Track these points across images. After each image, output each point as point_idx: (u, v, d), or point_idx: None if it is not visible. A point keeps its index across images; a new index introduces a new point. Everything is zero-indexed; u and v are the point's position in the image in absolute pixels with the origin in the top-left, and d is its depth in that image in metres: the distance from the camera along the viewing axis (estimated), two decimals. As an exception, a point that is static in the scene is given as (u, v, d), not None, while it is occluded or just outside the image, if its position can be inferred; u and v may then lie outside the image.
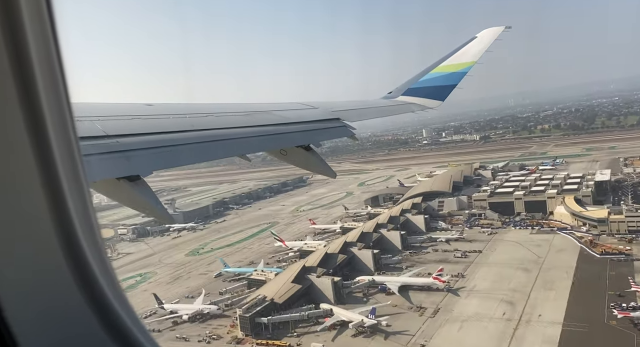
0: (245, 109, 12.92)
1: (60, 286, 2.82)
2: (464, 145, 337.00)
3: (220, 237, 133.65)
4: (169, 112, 11.03)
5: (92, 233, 2.94)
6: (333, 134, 13.96)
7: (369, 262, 78.11)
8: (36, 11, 2.48)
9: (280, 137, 11.87)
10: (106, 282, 3.00)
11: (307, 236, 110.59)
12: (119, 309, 3.07)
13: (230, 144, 10.41)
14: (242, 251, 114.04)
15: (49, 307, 2.81)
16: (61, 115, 2.68)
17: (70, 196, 2.72)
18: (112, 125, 8.36)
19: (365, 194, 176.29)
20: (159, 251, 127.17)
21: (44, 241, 2.70)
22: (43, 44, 2.52)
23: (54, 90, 2.61)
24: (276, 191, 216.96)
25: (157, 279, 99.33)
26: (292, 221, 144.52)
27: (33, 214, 2.63)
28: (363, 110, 17.74)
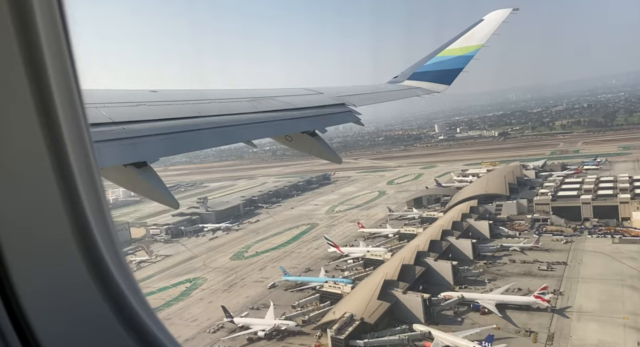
0: (251, 95, 12.72)
1: (76, 278, 2.84)
2: (483, 142, 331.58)
3: (260, 239, 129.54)
4: (174, 98, 10.89)
5: (104, 220, 2.96)
6: (338, 120, 13.86)
7: (447, 274, 73.37)
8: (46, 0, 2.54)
9: (286, 123, 11.86)
10: (119, 273, 3.00)
11: (360, 242, 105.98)
12: (133, 303, 3.06)
13: (235, 130, 10.33)
14: (290, 255, 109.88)
15: (66, 301, 2.82)
16: (72, 102, 2.73)
17: (82, 185, 2.76)
18: (117, 112, 8.32)
19: (401, 194, 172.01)
20: (199, 254, 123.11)
21: (58, 230, 2.73)
22: (53, 33, 2.57)
23: (64, 77, 2.67)
24: (302, 188, 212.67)
25: (209, 286, 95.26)
26: (331, 222, 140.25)
27: (47, 203, 2.67)
28: (368, 95, 17.44)
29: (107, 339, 3.02)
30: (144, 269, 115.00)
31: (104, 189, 3.03)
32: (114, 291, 2.99)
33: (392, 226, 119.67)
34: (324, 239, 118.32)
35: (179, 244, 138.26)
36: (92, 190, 2.87)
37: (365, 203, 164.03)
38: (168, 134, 8.66)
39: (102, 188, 3.01)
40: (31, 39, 2.43)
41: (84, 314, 2.91)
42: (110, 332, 3.00)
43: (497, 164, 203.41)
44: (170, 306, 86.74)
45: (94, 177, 2.90)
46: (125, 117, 8.20)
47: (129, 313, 3.05)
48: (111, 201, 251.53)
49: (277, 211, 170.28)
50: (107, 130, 7.51)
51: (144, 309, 3.16)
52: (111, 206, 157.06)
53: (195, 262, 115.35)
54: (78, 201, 2.74)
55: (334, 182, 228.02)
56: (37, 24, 2.43)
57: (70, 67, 2.69)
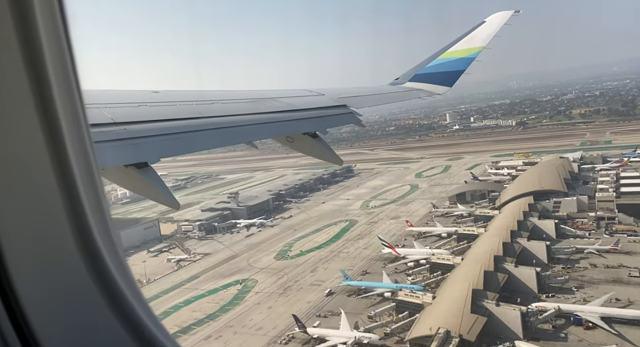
0: (252, 96, 12.80)
1: (75, 278, 2.88)
2: (502, 132, 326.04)
3: (300, 237, 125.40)
4: (176, 99, 10.87)
5: (104, 221, 3.00)
6: (340, 121, 14.02)
7: (530, 282, 68.74)
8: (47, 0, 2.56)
9: (287, 124, 11.97)
10: (118, 274, 3.06)
11: (414, 242, 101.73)
12: (133, 302, 3.12)
13: (237, 131, 10.39)
14: (339, 256, 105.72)
15: (65, 301, 2.87)
16: (72, 102, 2.76)
17: (83, 185, 2.80)
18: (119, 113, 8.35)
19: (435, 188, 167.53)
20: (240, 252, 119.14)
21: (57, 230, 2.78)
22: (53, 32, 2.59)
23: (64, 76, 2.70)
24: (327, 182, 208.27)
25: (262, 289, 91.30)
26: (370, 219, 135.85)
27: (47, 203, 2.72)
28: (370, 96, 17.46)
29: (107, 339, 3.02)
30: (185, 269, 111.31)
31: (103, 189, 3.04)
32: (114, 290, 3.00)
33: (440, 223, 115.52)
34: (371, 238, 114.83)
35: (215, 241, 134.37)
36: (92, 190, 2.88)
37: (399, 198, 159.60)
38: (169, 135, 8.66)
39: (102, 188, 3.02)
40: (31, 38, 2.44)
41: (83, 314, 2.93)
42: (109, 332, 3.00)
43: (530, 155, 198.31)
44: (227, 312, 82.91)
45: (94, 178, 2.91)
46: (126, 118, 8.19)
47: (128, 313, 3.07)
48: (128, 194, 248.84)
49: (307, 206, 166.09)
50: (109, 130, 7.56)
51: (143, 309, 3.16)
52: (128, 200, 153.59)
53: (239, 262, 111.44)
54: (78, 200, 2.75)
55: (358, 174, 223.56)
56: (38, 23, 2.44)
57: (71, 67, 2.70)
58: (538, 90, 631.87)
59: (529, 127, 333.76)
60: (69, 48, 2.68)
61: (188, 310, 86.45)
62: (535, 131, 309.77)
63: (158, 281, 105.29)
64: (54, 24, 2.57)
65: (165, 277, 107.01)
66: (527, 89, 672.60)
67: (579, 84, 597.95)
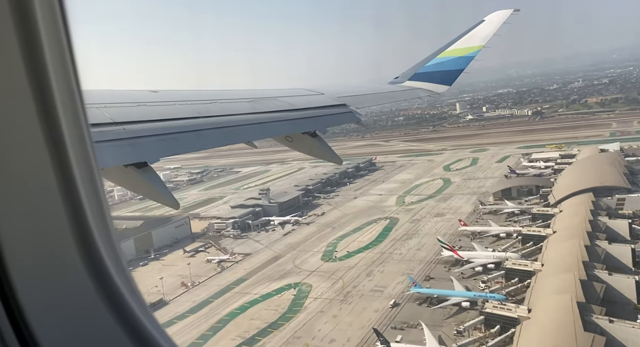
0: (251, 95, 12.84)
1: (75, 280, 2.91)
2: (519, 122, 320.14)
3: (341, 236, 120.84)
4: (175, 99, 10.89)
5: (105, 221, 3.02)
6: (339, 120, 14.14)
7: (629, 292, 64.02)
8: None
9: (286, 123, 11.96)
10: (118, 275, 3.07)
11: (475, 244, 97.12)
12: (132, 303, 3.15)
13: (236, 131, 10.37)
14: (392, 257, 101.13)
15: (64, 301, 2.89)
16: (72, 102, 2.77)
17: (83, 185, 2.82)
18: (118, 113, 8.35)
19: (469, 183, 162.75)
20: (282, 252, 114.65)
21: (57, 230, 2.80)
22: (54, 32, 2.60)
23: (65, 77, 2.71)
24: (351, 176, 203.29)
25: (320, 295, 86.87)
26: (412, 216, 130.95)
27: (47, 203, 2.74)
28: (370, 95, 17.61)
29: (105, 339, 3.04)
30: (229, 271, 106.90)
31: (104, 190, 3.06)
32: (113, 292, 3.02)
33: (491, 221, 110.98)
34: (421, 239, 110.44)
35: (251, 240, 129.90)
36: (93, 190, 2.89)
37: (435, 193, 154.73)
38: (169, 135, 8.67)
39: (103, 188, 3.04)
40: (31, 37, 2.45)
41: (82, 316, 2.94)
42: (108, 333, 3.02)
43: (564, 147, 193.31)
44: (290, 320, 78.51)
45: (94, 178, 2.93)
46: (126, 118, 8.20)
47: (128, 314, 3.08)
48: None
49: (338, 202, 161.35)
50: (108, 130, 7.54)
51: (141, 311, 3.18)
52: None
53: (284, 263, 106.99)
54: (78, 201, 2.77)
55: (382, 168, 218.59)
56: (38, 22, 2.45)
57: (71, 66, 2.71)
58: (539, 78, 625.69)
59: (545, 116, 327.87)
60: (69, 47, 2.66)
61: (245, 318, 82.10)
62: (555, 121, 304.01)
63: (204, 284, 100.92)
64: (54, 23, 2.56)
65: (211, 280, 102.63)
66: (526, 77, 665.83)
67: (581, 72, 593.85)
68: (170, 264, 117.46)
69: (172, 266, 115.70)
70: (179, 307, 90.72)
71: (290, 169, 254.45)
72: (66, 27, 2.64)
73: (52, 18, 2.55)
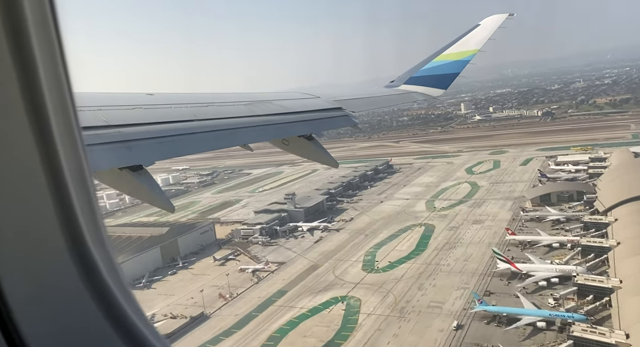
0: (247, 98, 12.80)
1: (66, 281, 2.92)
2: (530, 123, 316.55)
3: (377, 244, 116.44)
4: (170, 101, 10.87)
5: (96, 225, 3.04)
6: (335, 124, 14.03)
7: None
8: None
9: (282, 127, 11.96)
10: (110, 276, 3.08)
11: (531, 256, 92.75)
12: (122, 302, 3.15)
13: (232, 134, 10.45)
14: (440, 269, 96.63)
15: (55, 303, 2.89)
16: (63, 105, 2.76)
17: (74, 188, 2.82)
18: (113, 115, 8.33)
19: (498, 187, 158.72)
20: (318, 262, 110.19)
21: (48, 232, 2.80)
22: (44, 33, 2.58)
23: (56, 80, 2.70)
24: (371, 178, 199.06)
25: (373, 311, 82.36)
26: (448, 223, 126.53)
27: (37, 206, 2.74)
28: (365, 99, 17.66)
29: (95, 338, 3.03)
30: (267, 282, 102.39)
31: (95, 192, 3.06)
32: (103, 291, 3.01)
33: (534, 229, 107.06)
34: (466, 248, 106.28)
35: (282, 247, 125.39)
36: (84, 192, 2.89)
37: (465, 198, 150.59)
38: (164, 137, 8.65)
39: (94, 190, 3.04)
40: (21, 38, 2.42)
41: (72, 314, 2.94)
42: (97, 331, 3.02)
43: (589, 149, 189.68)
44: (348, 339, 74.07)
45: (85, 181, 2.92)
46: (121, 120, 8.19)
47: (118, 313, 3.08)
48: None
49: (363, 206, 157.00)
50: (103, 133, 7.53)
51: (133, 310, 3.18)
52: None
53: (324, 274, 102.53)
54: (69, 203, 2.77)
55: (400, 170, 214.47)
56: (28, 22, 2.43)
57: (62, 68, 2.69)
58: (536, 78, 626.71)
59: (556, 117, 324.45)
60: (60, 48, 2.64)
61: (298, 335, 77.63)
62: (567, 122, 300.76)
63: (243, 296, 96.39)
64: (44, 24, 2.54)
65: (249, 292, 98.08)
66: (523, 77, 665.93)
67: (578, 72, 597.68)
68: (201, 273, 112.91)
69: (203, 276, 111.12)
70: (222, 321, 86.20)
71: (302, 171, 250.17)
72: (57, 27, 2.60)
73: (42, 18, 2.51)
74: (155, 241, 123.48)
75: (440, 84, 21.82)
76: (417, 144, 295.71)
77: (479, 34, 22.72)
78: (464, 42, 22.74)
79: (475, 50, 22.21)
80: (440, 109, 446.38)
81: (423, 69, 22.28)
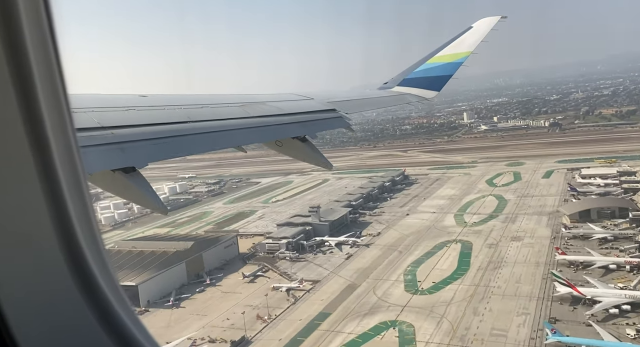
0: (241, 100, 12.77)
1: (58, 283, 2.93)
2: (538, 134, 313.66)
3: (414, 262, 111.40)
4: (164, 103, 10.83)
5: (90, 226, 3.04)
6: (329, 125, 14.14)
7: None
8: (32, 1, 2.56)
9: (276, 128, 11.99)
10: (103, 279, 3.08)
11: (590, 279, 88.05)
12: (115, 305, 3.17)
13: (225, 136, 10.45)
14: (491, 291, 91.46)
15: (47, 304, 2.90)
16: (58, 107, 2.76)
17: (68, 190, 2.83)
18: (106, 117, 8.32)
19: (526, 200, 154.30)
20: (355, 280, 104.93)
21: (41, 234, 2.81)
22: (39, 34, 2.58)
23: (51, 81, 2.70)
24: (389, 190, 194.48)
25: (430, 339, 77.03)
26: (484, 240, 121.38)
27: (30, 207, 2.75)
28: (359, 100, 17.63)
29: (87, 339, 3.04)
30: (304, 301, 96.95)
31: (90, 194, 3.05)
32: (96, 292, 3.02)
33: (580, 247, 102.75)
34: (512, 268, 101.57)
35: (312, 263, 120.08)
36: (78, 194, 2.90)
37: (495, 212, 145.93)
38: (158, 139, 8.60)
39: (89, 193, 3.03)
40: (15, 39, 2.42)
41: (63, 315, 2.95)
42: (88, 331, 3.02)
43: (614, 161, 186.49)
44: (412, 372, 68.90)
45: (80, 182, 2.93)
46: (114, 122, 8.15)
47: (109, 313, 3.10)
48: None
49: (387, 220, 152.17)
50: (96, 135, 7.51)
51: (124, 310, 3.19)
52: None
53: (365, 295, 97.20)
54: (63, 204, 2.78)
55: (416, 181, 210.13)
56: (22, 23, 2.43)
57: (57, 70, 2.69)
58: (529, 87, 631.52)
59: (565, 128, 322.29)
60: (54, 50, 2.63)
61: (354, 366, 72.41)
62: (577, 133, 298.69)
63: (282, 317, 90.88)
64: (39, 25, 2.54)
65: (288, 313, 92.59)
66: (517, 87, 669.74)
67: (571, 82, 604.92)
68: (231, 291, 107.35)
69: (233, 294, 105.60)
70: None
71: (312, 180, 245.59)
72: (51, 29, 2.59)
73: (37, 19, 2.51)
74: (181, 255, 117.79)
75: (434, 86, 21.80)
76: (427, 154, 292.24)
77: (472, 36, 22.68)
78: (456, 44, 22.73)
79: (468, 52, 22.21)
80: (442, 118, 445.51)
81: (416, 71, 22.29)
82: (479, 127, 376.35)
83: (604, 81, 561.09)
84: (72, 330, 2.97)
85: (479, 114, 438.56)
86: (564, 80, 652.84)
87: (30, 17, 2.45)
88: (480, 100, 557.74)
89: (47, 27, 2.56)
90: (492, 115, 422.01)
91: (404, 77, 22.24)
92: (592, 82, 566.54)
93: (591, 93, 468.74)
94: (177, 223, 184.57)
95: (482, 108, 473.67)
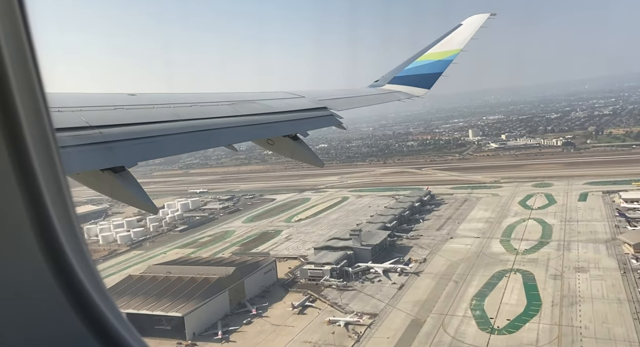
0: (231, 98, 12.56)
1: (40, 285, 2.88)
2: (554, 153, 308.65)
3: (477, 294, 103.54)
4: (153, 102, 10.63)
5: (71, 225, 3.00)
6: (320, 123, 13.95)
7: None
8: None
9: (267, 126, 11.86)
10: (87, 279, 3.04)
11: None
12: (101, 305, 3.12)
13: (216, 134, 10.29)
14: (579, 332, 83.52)
15: (29, 307, 2.86)
16: (35, 106, 2.70)
17: (47, 190, 2.77)
18: (95, 116, 8.14)
19: (573, 226, 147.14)
20: (418, 315, 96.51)
21: (20, 235, 2.77)
22: (12, 29, 2.52)
23: (27, 80, 2.65)
24: (418, 211, 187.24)
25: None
26: (545, 270, 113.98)
27: (8, 208, 2.69)
28: (350, 98, 17.58)
29: (74, 343, 2.99)
30: (368, 339, 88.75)
31: (70, 192, 3.00)
32: (81, 294, 2.96)
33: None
34: (591, 305, 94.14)
35: (361, 293, 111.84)
36: (58, 194, 2.84)
37: (543, 239, 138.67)
38: (147, 138, 8.46)
39: (69, 193, 2.98)
40: None
41: (48, 319, 2.88)
42: (75, 335, 2.97)
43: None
44: None
45: (59, 182, 2.87)
46: (102, 121, 7.99)
47: (96, 316, 3.03)
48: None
49: (429, 244, 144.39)
50: (84, 134, 7.34)
51: (111, 311, 3.14)
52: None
53: (434, 332, 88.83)
54: (42, 205, 2.72)
55: (443, 201, 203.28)
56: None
57: (33, 69, 2.63)
58: (522, 105, 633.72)
59: (580, 148, 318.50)
60: (30, 48, 2.57)
61: None
62: (595, 153, 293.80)
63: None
64: (12, 20, 2.47)
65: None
66: (510, 104, 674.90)
67: (563, 101, 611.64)
68: (281, 324, 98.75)
69: (285, 327, 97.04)
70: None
71: (330, 198, 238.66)
72: (26, 24, 2.52)
73: (9, 12, 2.44)
74: (224, 283, 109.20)
75: (424, 83, 21.69)
76: (443, 172, 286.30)
77: (461, 34, 22.54)
78: (446, 41, 22.56)
79: (457, 50, 22.06)
80: (444, 134, 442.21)
81: (407, 69, 22.24)
82: (489, 144, 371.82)
83: (596, 100, 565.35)
84: (58, 332, 2.84)
85: (483, 131, 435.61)
86: (556, 99, 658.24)
87: (3, 9, 2.37)
88: (475, 116, 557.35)
89: (21, 24, 2.47)
90: (496, 132, 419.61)
91: (394, 75, 22.10)
92: (584, 101, 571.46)
93: (591, 112, 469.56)
94: (199, 243, 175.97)
95: (483, 125, 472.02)
